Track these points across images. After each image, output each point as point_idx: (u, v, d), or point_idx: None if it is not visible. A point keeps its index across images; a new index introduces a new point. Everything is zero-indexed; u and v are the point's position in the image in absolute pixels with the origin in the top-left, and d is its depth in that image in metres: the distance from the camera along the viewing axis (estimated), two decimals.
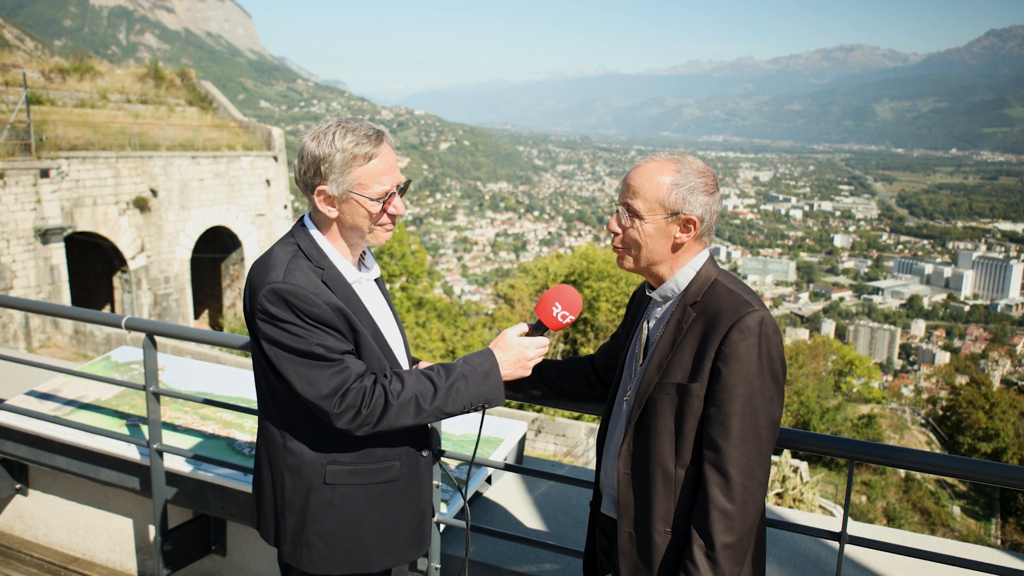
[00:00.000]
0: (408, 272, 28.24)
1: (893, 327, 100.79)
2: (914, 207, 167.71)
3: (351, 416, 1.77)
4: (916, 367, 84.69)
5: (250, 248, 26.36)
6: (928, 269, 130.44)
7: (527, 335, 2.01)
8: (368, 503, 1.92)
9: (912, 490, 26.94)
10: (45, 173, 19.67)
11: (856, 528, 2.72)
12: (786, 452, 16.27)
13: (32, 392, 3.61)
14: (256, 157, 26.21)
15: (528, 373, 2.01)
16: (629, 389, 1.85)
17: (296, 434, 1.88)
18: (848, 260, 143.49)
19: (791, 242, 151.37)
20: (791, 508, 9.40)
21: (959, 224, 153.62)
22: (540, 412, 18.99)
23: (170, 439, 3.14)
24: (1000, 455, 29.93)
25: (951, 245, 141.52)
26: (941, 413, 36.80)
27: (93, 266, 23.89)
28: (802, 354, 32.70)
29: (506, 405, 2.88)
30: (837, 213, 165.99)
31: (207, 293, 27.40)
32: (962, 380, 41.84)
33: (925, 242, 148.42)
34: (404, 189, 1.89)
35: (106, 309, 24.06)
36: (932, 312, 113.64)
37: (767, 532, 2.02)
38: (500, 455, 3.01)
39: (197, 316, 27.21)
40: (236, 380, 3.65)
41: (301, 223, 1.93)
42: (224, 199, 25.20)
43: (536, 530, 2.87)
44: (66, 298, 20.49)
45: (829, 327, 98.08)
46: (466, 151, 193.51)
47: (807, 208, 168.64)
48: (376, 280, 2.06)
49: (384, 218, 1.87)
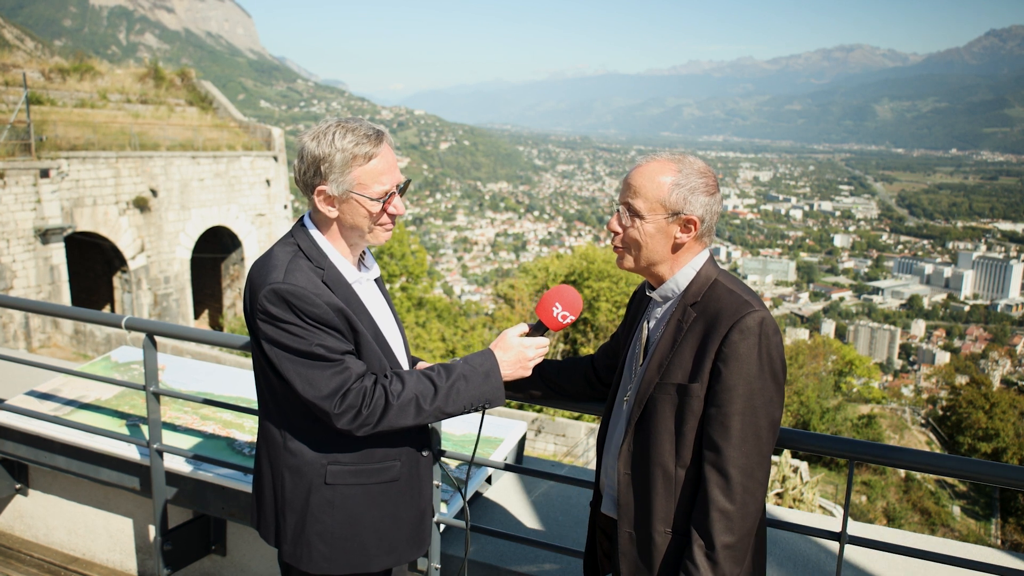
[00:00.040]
0: (408, 272, 28.24)
1: (893, 327, 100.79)
2: (914, 207, 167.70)
3: (351, 416, 1.77)
4: (916, 367, 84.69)
5: (250, 248, 26.37)
6: (928, 269, 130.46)
7: (527, 335, 2.01)
8: (368, 503, 1.92)
9: (912, 490, 26.93)
10: (45, 173, 19.68)
11: (856, 528, 2.72)
12: (786, 452, 16.27)
13: (32, 392, 3.61)
14: (256, 157, 26.22)
15: (528, 373, 2.02)
16: (629, 389, 1.85)
17: (296, 434, 1.88)
18: (848, 260, 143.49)
19: (791, 242, 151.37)
20: (791, 508, 9.40)
21: (959, 224, 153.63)
22: (540, 412, 18.99)
23: (170, 439, 3.14)
24: (1000, 455, 29.93)
25: (951, 245, 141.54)
26: (941, 413, 36.80)
27: (93, 266, 23.89)
28: (802, 354, 32.70)
29: (506, 405, 2.88)
30: (837, 213, 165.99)
31: (207, 293, 27.40)
32: (962, 380, 41.84)
33: (925, 242, 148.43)
34: (404, 189, 1.89)
35: (106, 309, 24.05)
36: (932, 312, 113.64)
37: (767, 532, 2.02)
38: (500, 455, 3.01)
39: (197, 316, 27.22)
40: (236, 380, 3.65)
41: (301, 223, 1.93)
42: (224, 199, 25.21)
43: (536, 530, 2.87)
44: (66, 298, 20.49)
45: (829, 327, 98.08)
46: (466, 151, 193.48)
47: (807, 208, 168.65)
48: (376, 280, 2.06)
49: (384, 218, 1.88)
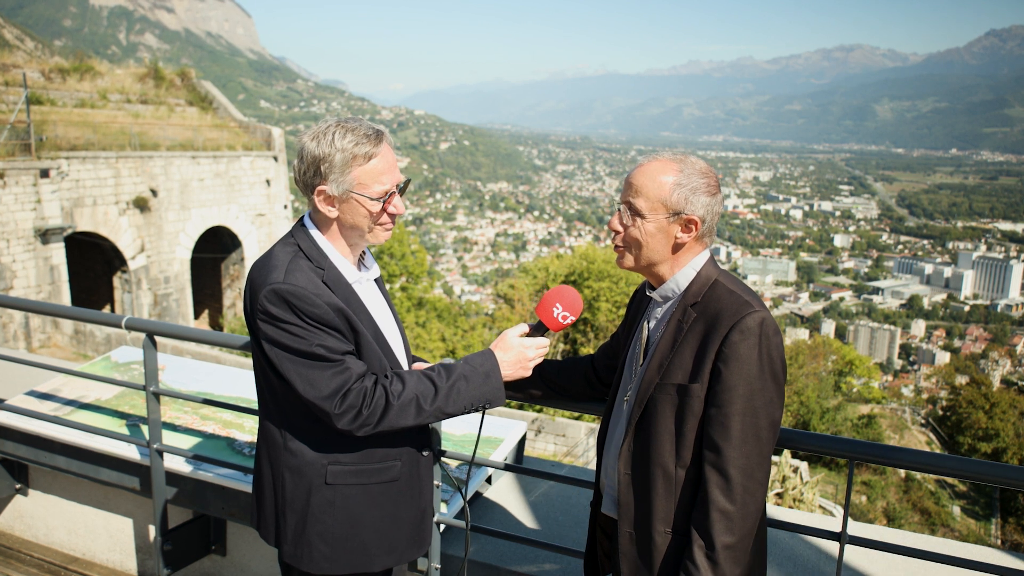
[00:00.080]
0: (408, 272, 28.23)
1: (893, 327, 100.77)
2: (914, 207, 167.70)
3: (352, 417, 1.77)
4: (916, 367, 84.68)
5: (250, 248, 26.37)
6: (928, 269, 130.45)
7: (528, 335, 2.01)
8: (369, 503, 1.92)
9: (912, 490, 26.94)
10: (45, 173, 19.68)
11: (856, 528, 2.72)
12: (786, 452, 16.27)
13: (32, 392, 3.61)
14: (256, 157, 26.22)
15: (528, 374, 2.02)
16: (629, 389, 1.85)
17: (297, 434, 1.88)
18: (848, 260, 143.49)
19: (791, 242, 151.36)
20: (791, 508, 9.40)
21: (959, 224, 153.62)
22: (540, 412, 18.99)
23: (170, 439, 3.14)
24: (1000, 455, 29.93)
25: (951, 245, 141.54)
26: (941, 413, 36.80)
27: (93, 266, 23.89)
28: (802, 354, 32.70)
29: (506, 405, 2.88)
30: (837, 213, 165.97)
31: (207, 293, 27.40)
32: (962, 380, 41.84)
33: (925, 242, 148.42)
34: (404, 188, 1.89)
35: (106, 309, 24.05)
36: (932, 312, 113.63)
37: (767, 532, 2.02)
38: (500, 455, 3.01)
39: (197, 316, 27.22)
40: (236, 380, 3.65)
41: (301, 223, 1.93)
42: (224, 199, 25.21)
43: (536, 530, 2.87)
44: (66, 298, 20.49)
45: (829, 327, 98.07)
46: (466, 151, 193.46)
47: (807, 208, 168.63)
48: (376, 280, 2.06)
49: (384, 217, 1.88)
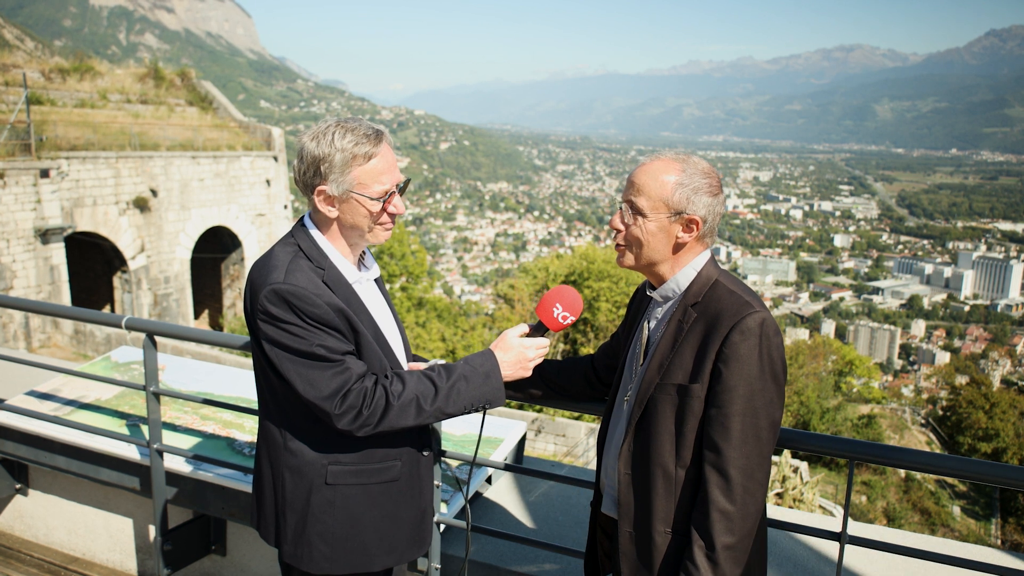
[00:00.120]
0: (408, 272, 28.23)
1: (893, 327, 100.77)
2: (914, 207, 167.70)
3: (352, 417, 1.77)
4: (916, 367, 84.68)
5: (250, 248, 26.37)
6: (928, 269, 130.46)
7: (528, 336, 2.01)
8: (369, 503, 1.92)
9: (912, 490, 26.94)
10: (45, 173, 19.68)
11: (856, 528, 2.72)
12: (786, 452, 16.27)
13: (32, 392, 3.61)
14: (256, 157, 26.22)
15: (529, 374, 2.02)
16: (630, 389, 1.85)
17: (297, 434, 1.88)
18: (848, 260, 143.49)
19: (791, 242, 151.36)
20: (791, 508, 9.40)
21: (959, 224, 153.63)
22: (540, 412, 18.99)
23: (170, 439, 3.13)
24: (1000, 455, 29.93)
25: (951, 245, 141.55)
26: (941, 413, 36.80)
27: (93, 266, 23.89)
28: (802, 354, 32.70)
29: (506, 405, 2.88)
30: (837, 213, 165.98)
31: (207, 293, 27.40)
32: (962, 380, 41.84)
33: (925, 242, 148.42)
34: (404, 188, 1.89)
35: (106, 309, 24.05)
36: (932, 312, 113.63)
37: (767, 532, 2.02)
38: (500, 455, 3.01)
39: (197, 316, 27.21)
40: (236, 380, 3.65)
41: (301, 223, 1.93)
42: (224, 199, 25.21)
43: (536, 530, 2.87)
44: (66, 298, 20.48)
45: (829, 327, 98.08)
46: (466, 151, 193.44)
47: (807, 208, 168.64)
48: (376, 280, 2.06)
49: (384, 217, 1.88)
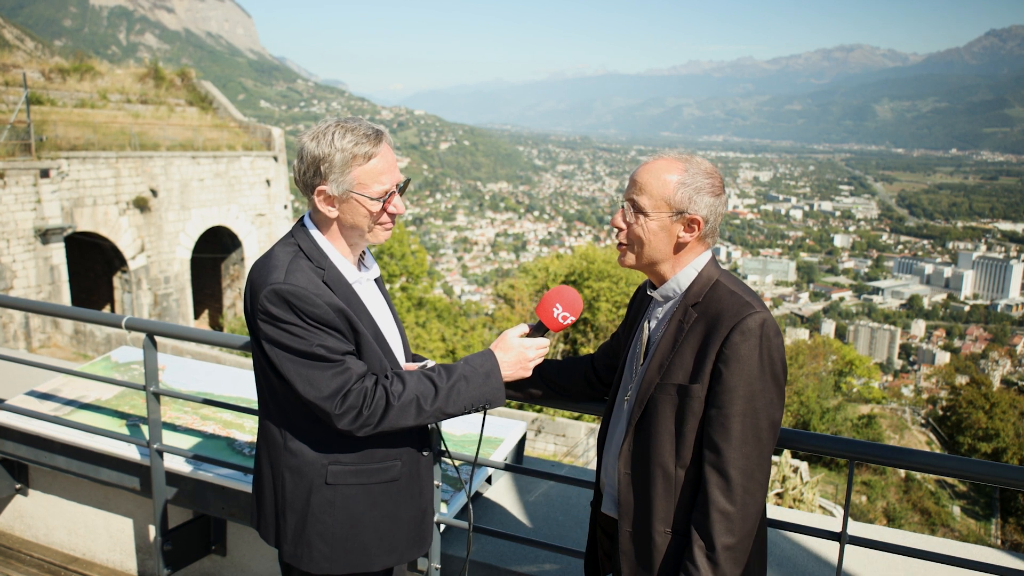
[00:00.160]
0: (408, 272, 28.22)
1: (893, 327, 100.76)
2: (914, 207, 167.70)
3: (352, 417, 1.77)
4: (916, 367, 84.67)
5: (250, 248, 26.37)
6: (928, 269, 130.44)
7: (528, 336, 2.01)
8: (369, 503, 1.92)
9: (912, 490, 26.94)
10: (45, 173, 19.68)
11: (856, 528, 2.72)
12: (786, 452, 16.27)
13: (32, 392, 3.61)
14: (256, 157, 26.21)
15: (529, 374, 2.01)
16: (630, 389, 1.85)
17: (297, 434, 1.88)
18: (848, 260, 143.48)
19: (791, 242, 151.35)
20: (791, 508, 9.40)
21: (959, 224, 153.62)
22: (540, 412, 18.99)
23: (170, 439, 3.13)
24: (1000, 455, 29.92)
25: (951, 245, 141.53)
26: (941, 413, 36.79)
27: (93, 266, 23.89)
28: (802, 354, 32.70)
29: (506, 405, 2.88)
30: (837, 213, 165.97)
31: (207, 293, 27.40)
32: (962, 380, 41.84)
33: (925, 242, 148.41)
34: (404, 188, 1.89)
35: (106, 309, 24.05)
36: (932, 312, 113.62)
37: (767, 532, 2.02)
38: (500, 455, 3.01)
39: (197, 316, 27.21)
40: (236, 380, 3.65)
41: (301, 223, 1.93)
42: (224, 199, 25.21)
43: (536, 530, 2.87)
44: (66, 298, 20.48)
45: (829, 327, 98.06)
46: (466, 151, 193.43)
47: (807, 208, 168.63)
48: (376, 280, 2.06)
49: (384, 217, 1.88)
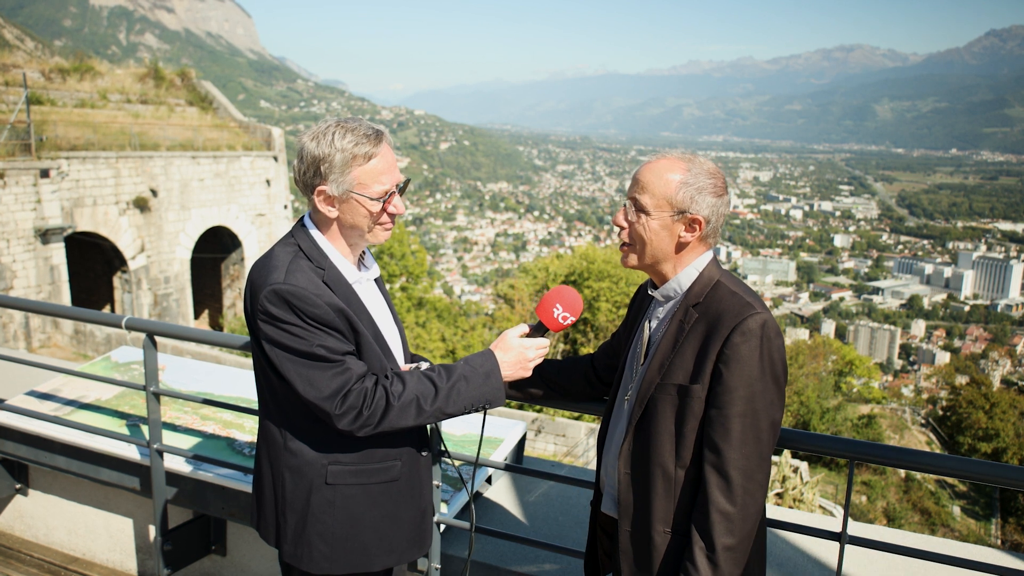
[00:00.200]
0: (408, 272, 28.21)
1: (893, 327, 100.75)
2: (914, 207, 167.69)
3: (352, 417, 1.77)
4: (916, 367, 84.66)
5: (250, 248, 26.37)
6: (928, 269, 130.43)
7: (528, 336, 2.01)
8: (369, 503, 1.92)
9: (912, 490, 26.94)
10: (45, 173, 19.68)
11: (856, 528, 2.72)
12: (786, 452, 16.27)
13: (32, 392, 3.61)
14: (256, 157, 26.21)
15: (528, 374, 2.01)
16: (630, 389, 1.85)
17: (297, 434, 1.88)
18: (848, 260, 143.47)
19: (791, 242, 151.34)
20: (791, 508, 9.39)
21: (959, 224, 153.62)
22: (540, 412, 18.99)
23: (170, 439, 3.13)
24: (1000, 455, 29.92)
25: (951, 245, 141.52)
26: (941, 413, 36.79)
27: (93, 266, 23.88)
28: (802, 354, 32.70)
29: (506, 405, 2.88)
30: (837, 213, 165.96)
31: (207, 293, 27.40)
32: (962, 380, 41.83)
33: (925, 242, 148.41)
34: (404, 188, 1.89)
35: (106, 309, 24.05)
36: (932, 312, 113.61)
37: (767, 532, 2.02)
38: (500, 455, 3.01)
39: (197, 316, 27.21)
40: (236, 380, 3.65)
41: (301, 223, 1.93)
42: (224, 199, 25.21)
43: (536, 530, 2.87)
44: (66, 298, 20.48)
45: (829, 327, 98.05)
46: (466, 151, 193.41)
47: (807, 208, 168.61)
48: (376, 280, 2.06)
49: (384, 217, 1.88)
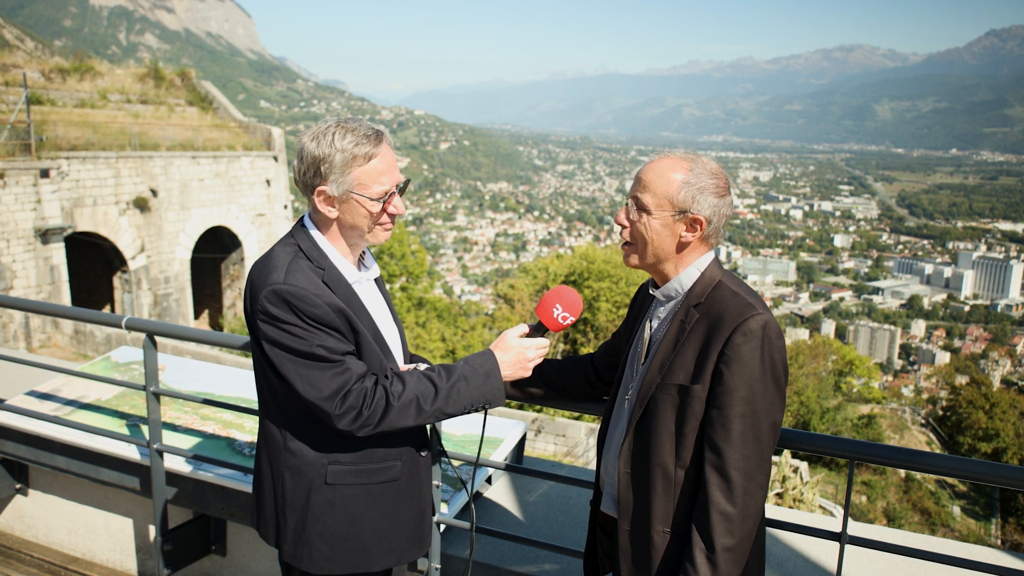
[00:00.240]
0: (408, 272, 28.21)
1: (893, 327, 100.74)
2: (914, 207, 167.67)
3: (352, 417, 1.77)
4: (916, 367, 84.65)
5: (250, 248, 26.37)
6: (928, 269, 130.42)
7: (527, 336, 2.01)
8: (369, 503, 1.92)
9: (912, 490, 26.94)
10: (45, 173, 19.68)
11: (856, 528, 2.72)
12: (786, 452, 16.27)
13: (32, 392, 3.61)
14: (256, 157, 26.21)
15: (528, 374, 2.01)
16: (631, 389, 1.85)
17: (297, 434, 1.88)
18: (848, 260, 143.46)
19: (791, 242, 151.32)
20: (791, 508, 9.39)
21: (959, 224, 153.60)
22: (540, 412, 18.99)
23: (170, 439, 3.13)
24: (1000, 455, 29.92)
25: (951, 245, 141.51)
26: (941, 413, 36.79)
27: (93, 266, 23.88)
28: (802, 354, 32.70)
29: (506, 405, 2.88)
30: (837, 213, 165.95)
31: (207, 293, 27.40)
32: (962, 380, 41.83)
33: (925, 242, 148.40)
34: (404, 188, 1.89)
35: (106, 309, 24.05)
36: (932, 312, 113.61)
37: (767, 532, 2.02)
38: (500, 455, 3.01)
39: (197, 316, 27.21)
40: (236, 380, 3.65)
41: (301, 223, 1.93)
42: (224, 199, 25.21)
43: (536, 530, 2.87)
44: (66, 298, 20.48)
45: (829, 327, 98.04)
46: (466, 151, 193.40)
47: (807, 208, 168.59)
48: (376, 280, 2.06)
49: (384, 217, 1.88)
